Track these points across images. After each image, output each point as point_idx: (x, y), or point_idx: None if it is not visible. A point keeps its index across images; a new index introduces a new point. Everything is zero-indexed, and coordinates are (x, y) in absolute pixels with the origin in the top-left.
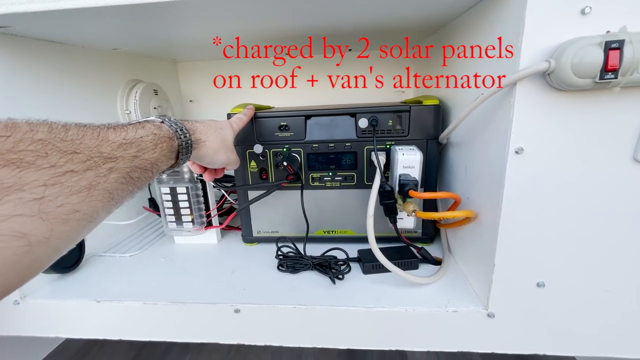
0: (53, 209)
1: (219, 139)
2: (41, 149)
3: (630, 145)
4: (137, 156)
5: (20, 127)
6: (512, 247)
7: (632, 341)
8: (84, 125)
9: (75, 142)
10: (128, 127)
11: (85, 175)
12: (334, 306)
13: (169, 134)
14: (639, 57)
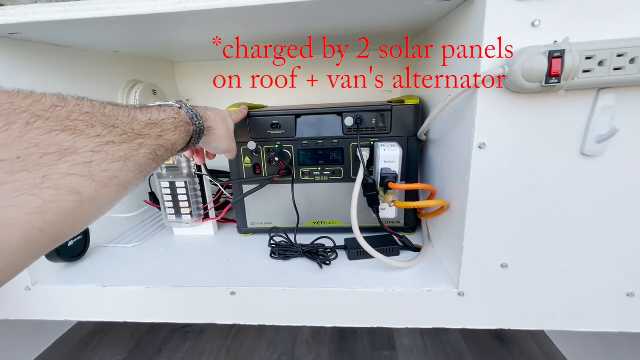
0: (99, 172)
1: (225, 128)
2: (88, 120)
3: (578, 140)
4: (161, 135)
5: (70, 100)
6: (478, 232)
7: (587, 316)
8: (116, 104)
9: (112, 118)
10: (152, 109)
11: (122, 147)
12: (321, 287)
13: (186, 119)
14: (578, 65)
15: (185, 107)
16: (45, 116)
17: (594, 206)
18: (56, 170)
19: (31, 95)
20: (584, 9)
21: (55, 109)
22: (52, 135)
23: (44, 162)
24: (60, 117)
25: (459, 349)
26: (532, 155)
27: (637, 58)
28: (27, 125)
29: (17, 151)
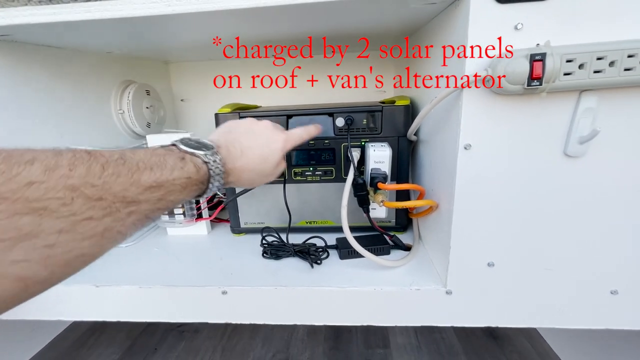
0: (60, 254)
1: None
2: (68, 195)
3: (561, 141)
4: (161, 199)
5: (58, 169)
6: (464, 231)
7: (572, 313)
8: (125, 161)
9: (104, 187)
10: (166, 163)
11: (102, 222)
12: (311, 287)
13: (203, 179)
14: (558, 68)
15: (214, 161)
16: (13, 198)
17: (577, 206)
18: (7, 257)
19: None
20: (566, 12)
21: (29, 188)
22: (14, 219)
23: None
24: (30, 198)
25: (452, 347)
26: (517, 156)
27: (617, 61)
28: None
29: None
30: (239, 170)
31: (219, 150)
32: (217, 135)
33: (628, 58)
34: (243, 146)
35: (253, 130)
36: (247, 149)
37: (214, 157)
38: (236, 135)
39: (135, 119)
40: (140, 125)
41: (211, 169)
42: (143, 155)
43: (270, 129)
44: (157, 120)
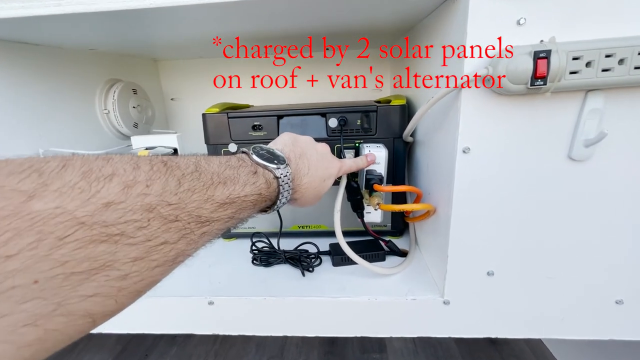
0: (132, 285)
1: (314, 194)
2: (145, 217)
3: (565, 144)
4: (232, 217)
5: (136, 185)
6: (463, 239)
7: (575, 323)
8: (200, 173)
9: (180, 206)
10: (239, 177)
11: (177, 246)
12: (302, 297)
13: (272, 196)
14: (564, 65)
15: (284, 175)
16: (90, 222)
17: (581, 212)
18: (78, 293)
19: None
20: (572, 6)
21: (107, 210)
22: (90, 247)
23: (66, 284)
24: (107, 222)
25: (450, 351)
26: (518, 160)
27: (627, 59)
28: (60, 239)
29: (37, 274)
30: (304, 189)
31: (289, 164)
32: (282, 144)
33: (639, 55)
34: (310, 163)
35: (316, 148)
36: (313, 167)
37: (285, 170)
38: (303, 149)
39: (121, 119)
40: (126, 125)
41: (281, 185)
42: (217, 167)
43: (329, 151)
44: (144, 120)
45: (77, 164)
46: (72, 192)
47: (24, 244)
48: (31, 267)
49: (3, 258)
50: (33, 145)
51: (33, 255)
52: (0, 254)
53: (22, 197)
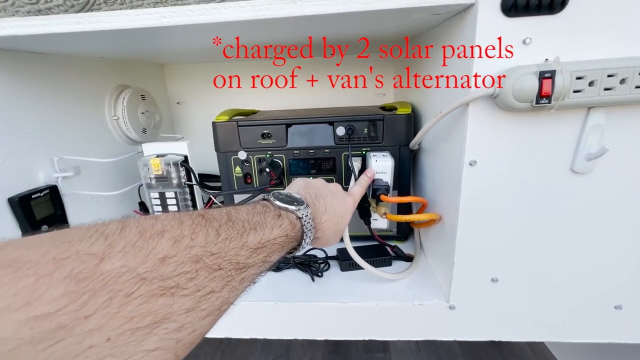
0: (187, 336)
1: (335, 230)
2: (193, 268)
3: (568, 158)
4: (265, 261)
5: (183, 239)
6: (469, 246)
7: (575, 327)
8: (233, 222)
9: (220, 256)
10: (266, 221)
11: (221, 294)
12: (312, 302)
13: (297, 235)
14: (568, 85)
15: (305, 215)
16: (150, 277)
17: (583, 222)
18: (142, 348)
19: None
20: (576, 27)
21: (163, 265)
22: (151, 301)
23: (133, 339)
24: (164, 276)
25: (452, 350)
26: (523, 173)
27: (628, 79)
28: (127, 296)
29: (109, 332)
30: (325, 226)
31: (308, 205)
32: (296, 188)
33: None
34: (326, 202)
35: (329, 187)
36: (329, 205)
37: (306, 211)
38: (317, 191)
39: (130, 125)
40: (135, 131)
41: (304, 224)
42: (246, 215)
43: (341, 190)
44: (152, 125)
45: (133, 224)
46: (133, 251)
47: (99, 303)
48: (105, 326)
49: (82, 319)
50: (48, 154)
51: (106, 314)
52: (79, 315)
53: (96, 260)
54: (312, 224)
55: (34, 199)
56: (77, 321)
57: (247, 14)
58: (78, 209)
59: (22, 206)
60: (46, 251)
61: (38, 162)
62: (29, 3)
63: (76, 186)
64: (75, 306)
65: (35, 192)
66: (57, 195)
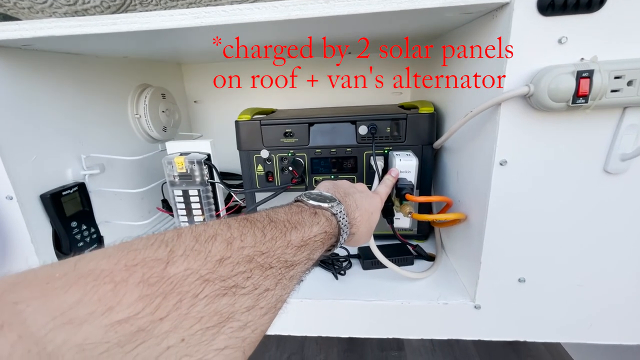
0: (251, 334)
1: (367, 228)
2: (248, 267)
3: (601, 158)
4: (309, 258)
5: (235, 240)
6: (496, 247)
7: (602, 329)
8: (275, 223)
9: (269, 254)
10: (305, 220)
11: (275, 292)
12: (337, 299)
13: (335, 231)
14: (606, 84)
15: (340, 211)
16: (212, 278)
17: (615, 223)
18: (213, 347)
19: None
20: (614, 25)
21: (221, 264)
22: (216, 301)
23: (204, 339)
24: (224, 276)
25: (467, 350)
26: (555, 173)
27: None
28: (194, 297)
29: (183, 332)
30: (359, 222)
31: (340, 202)
32: (325, 189)
33: None
34: (356, 199)
35: (355, 187)
36: (359, 202)
37: (339, 207)
38: (345, 190)
39: (152, 123)
40: (156, 129)
41: (340, 220)
42: (285, 215)
43: (367, 189)
44: (172, 123)
45: (187, 231)
46: (193, 254)
47: (171, 305)
48: (178, 327)
49: (158, 321)
50: (76, 152)
51: (178, 315)
52: (155, 317)
53: (162, 265)
54: (347, 220)
55: (64, 195)
56: (154, 323)
57: (280, 15)
58: (103, 206)
59: (54, 203)
60: (117, 260)
61: (67, 160)
62: (66, 4)
63: (101, 183)
64: (150, 309)
65: (65, 189)
66: (85, 192)
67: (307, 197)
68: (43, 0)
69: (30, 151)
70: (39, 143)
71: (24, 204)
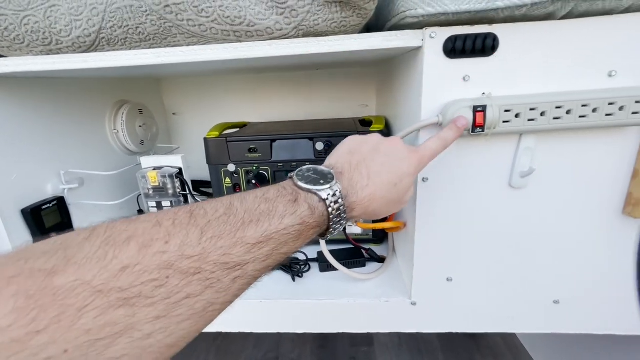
0: (161, 340)
1: (383, 205)
2: (162, 274)
3: (506, 175)
4: (270, 254)
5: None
6: (426, 250)
7: (521, 320)
8: (229, 215)
9: (200, 258)
10: (276, 209)
11: (202, 297)
12: (292, 299)
13: (320, 221)
14: (498, 117)
15: (333, 195)
16: (107, 289)
17: (522, 229)
18: (106, 357)
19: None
20: (504, 67)
21: (123, 275)
22: (109, 313)
23: (93, 350)
24: (123, 287)
25: (432, 344)
26: (469, 187)
27: (547, 111)
28: (79, 310)
29: (65, 344)
30: (367, 201)
31: (341, 179)
32: (336, 157)
33: (556, 109)
34: (370, 170)
35: (379, 149)
36: (374, 173)
37: (334, 189)
38: (361, 157)
39: (129, 137)
40: (134, 143)
41: (330, 206)
42: (251, 203)
43: (399, 148)
44: (150, 137)
45: (101, 231)
46: (90, 263)
47: (49, 318)
48: (59, 339)
49: (34, 333)
50: (55, 168)
51: (59, 328)
52: (31, 330)
53: (45, 275)
54: (344, 203)
55: (44, 209)
56: (29, 335)
57: (230, 55)
58: (83, 217)
59: (33, 217)
60: (3, 270)
61: (46, 176)
62: (42, 45)
63: (81, 196)
64: (25, 321)
65: (44, 203)
66: (64, 205)
67: (300, 175)
68: (20, 42)
69: (11, 170)
70: (19, 162)
71: (7, 219)
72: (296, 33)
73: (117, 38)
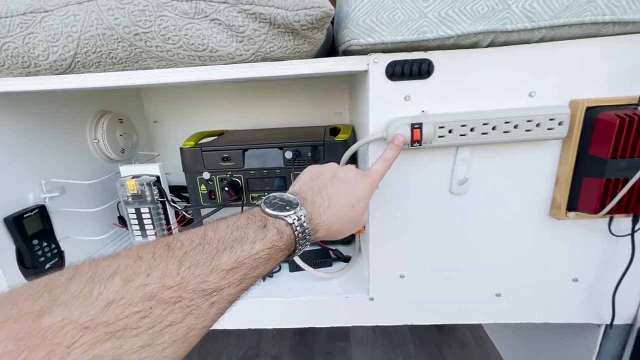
0: None
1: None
2: (146, 306)
3: (446, 182)
4: (244, 278)
5: (137, 277)
6: (379, 250)
7: (468, 312)
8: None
9: (182, 286)
10: (247, 236)
11: (183, 324)
12: (261, 298)
13: (288, 243)
14: (433, 133)
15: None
16: (94, 325)
17: (464, 230)
18: None
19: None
20: (439, 88)
21: (108, 310)
22: (96, 347)
23: None
24: (109, 321)
25: (404, 338)
26: (415, 194)
27: (476, 127)
28: (68, 347)
29: None
30: (328, 223)
31: (305, 204)
32: (300, 184)
33: (483, 125)
34: (330, 194)
35: (337, 176)
36: (334, 196)
37: (299, 213)
38: (322, 183)
39: (110, 146)
40: (114, 151)
41: (296, 229)
42: (224, 232)
43: (354, 174)
44: (130, 145)
45: (85, 270)
46: (76, 302)
47: (39, 357)
48: None
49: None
50: (37, 178)
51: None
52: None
53: (33, 318)
54: (308, 226)
55: (25, 217)
56: None
57: (196, 77)
58: (64, 224)
59: (16, 224)
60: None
61: (28, 185)
62: (21, 67)
63: (62, 204)
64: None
65: (26, 211)
66: (45, 213)
67: (268, 203)
68: (1, 64)
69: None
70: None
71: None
72: (255, 58)
73: (92, 62)
